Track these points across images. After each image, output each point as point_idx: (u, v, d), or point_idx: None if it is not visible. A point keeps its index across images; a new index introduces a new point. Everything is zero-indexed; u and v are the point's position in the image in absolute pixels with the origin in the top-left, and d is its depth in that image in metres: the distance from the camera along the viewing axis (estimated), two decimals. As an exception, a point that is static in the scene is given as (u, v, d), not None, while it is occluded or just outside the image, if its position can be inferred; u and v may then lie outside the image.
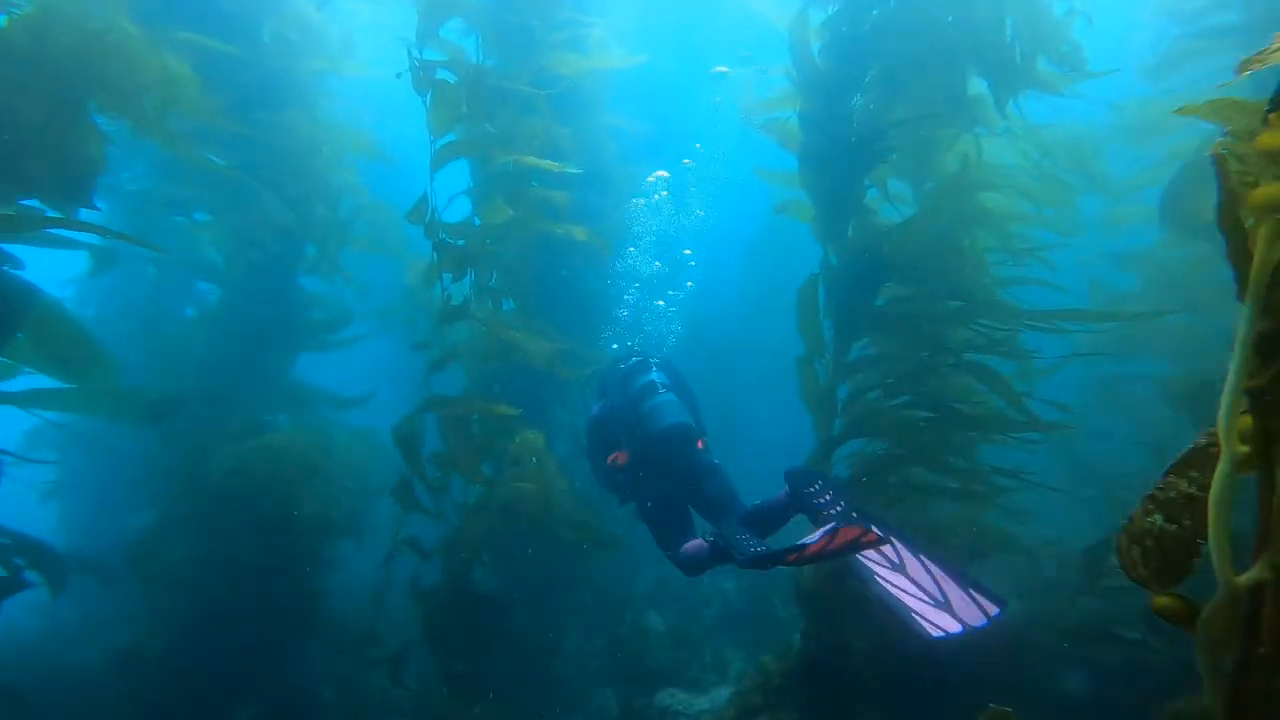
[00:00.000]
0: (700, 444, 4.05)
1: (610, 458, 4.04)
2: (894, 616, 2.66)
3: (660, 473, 3.90)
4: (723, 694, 5.98)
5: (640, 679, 7.28)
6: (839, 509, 3.08)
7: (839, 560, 3.00)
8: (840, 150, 4.87)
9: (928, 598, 2.62)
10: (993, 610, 2.56)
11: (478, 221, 5.42)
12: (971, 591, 2.60)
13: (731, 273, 12.65)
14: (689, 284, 7.73)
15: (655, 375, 4.17)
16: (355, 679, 5.66)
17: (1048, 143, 5.48)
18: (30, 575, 4.84)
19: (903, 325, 4.58)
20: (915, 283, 4.54)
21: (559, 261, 6.81)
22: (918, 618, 2.58)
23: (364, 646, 4.94)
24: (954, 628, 2.54)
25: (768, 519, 3.48)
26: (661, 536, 3.74)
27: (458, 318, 4.77)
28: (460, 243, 4.75)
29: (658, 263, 7.26)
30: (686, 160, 8.77)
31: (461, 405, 4.57)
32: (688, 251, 7.86)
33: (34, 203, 4.08)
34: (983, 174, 4.66)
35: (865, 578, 2.83)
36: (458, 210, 5.69)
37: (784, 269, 12.68)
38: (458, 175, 6.32)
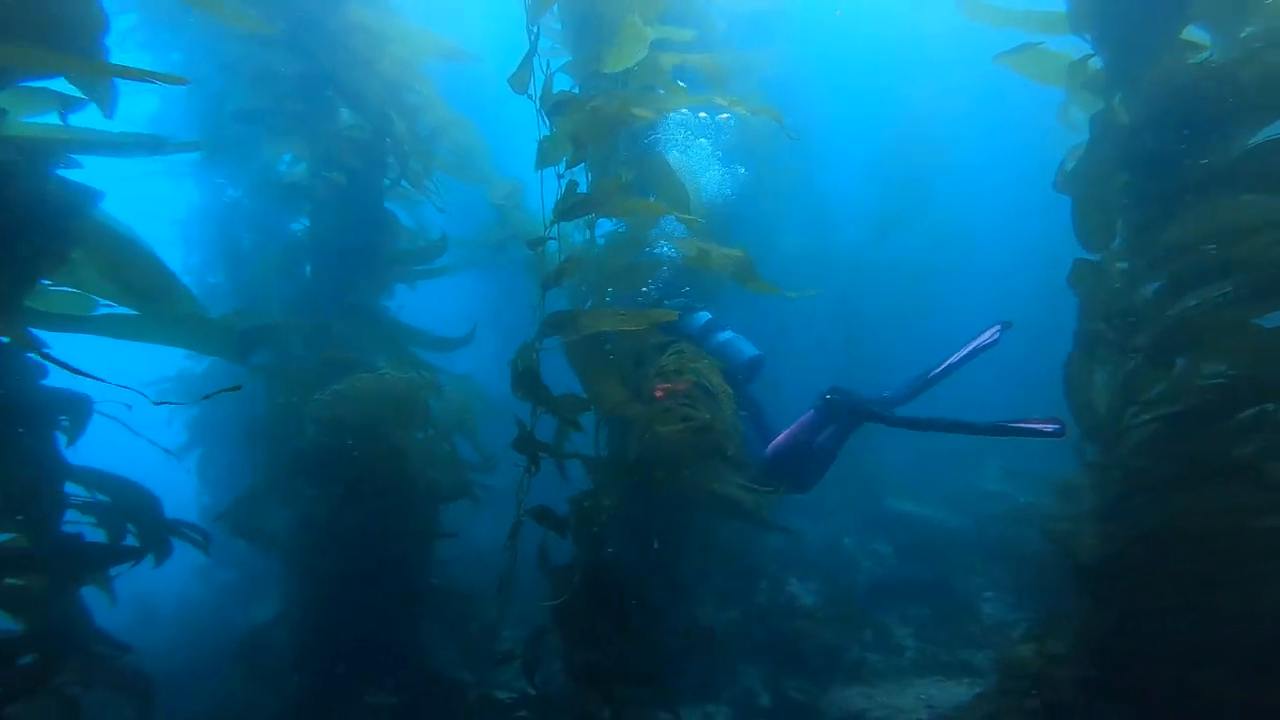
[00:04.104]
0: None
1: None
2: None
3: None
4: (929, 692, 4.73)
5: (789, 660, 6.22)
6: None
7: None
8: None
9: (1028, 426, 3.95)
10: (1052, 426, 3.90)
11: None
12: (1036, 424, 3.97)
13: (855, 187, 10.84)
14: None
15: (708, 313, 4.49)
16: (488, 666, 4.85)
17: None
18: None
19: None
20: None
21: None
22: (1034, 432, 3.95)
23: (488, 638, 4.10)
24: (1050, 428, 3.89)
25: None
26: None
27: (584, 211, 3.58)
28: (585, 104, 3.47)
29: None
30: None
31: (596, 318, 3.40)
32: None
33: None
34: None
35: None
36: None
37: (921, 185, 10.72)
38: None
